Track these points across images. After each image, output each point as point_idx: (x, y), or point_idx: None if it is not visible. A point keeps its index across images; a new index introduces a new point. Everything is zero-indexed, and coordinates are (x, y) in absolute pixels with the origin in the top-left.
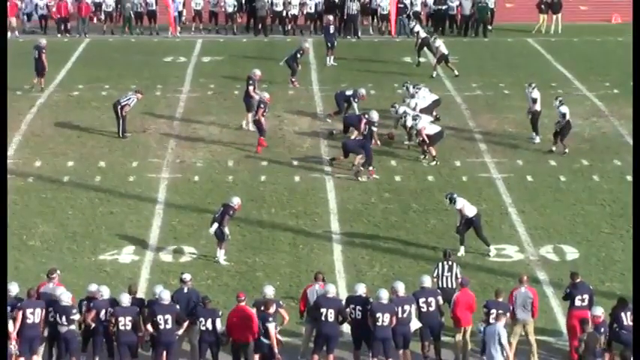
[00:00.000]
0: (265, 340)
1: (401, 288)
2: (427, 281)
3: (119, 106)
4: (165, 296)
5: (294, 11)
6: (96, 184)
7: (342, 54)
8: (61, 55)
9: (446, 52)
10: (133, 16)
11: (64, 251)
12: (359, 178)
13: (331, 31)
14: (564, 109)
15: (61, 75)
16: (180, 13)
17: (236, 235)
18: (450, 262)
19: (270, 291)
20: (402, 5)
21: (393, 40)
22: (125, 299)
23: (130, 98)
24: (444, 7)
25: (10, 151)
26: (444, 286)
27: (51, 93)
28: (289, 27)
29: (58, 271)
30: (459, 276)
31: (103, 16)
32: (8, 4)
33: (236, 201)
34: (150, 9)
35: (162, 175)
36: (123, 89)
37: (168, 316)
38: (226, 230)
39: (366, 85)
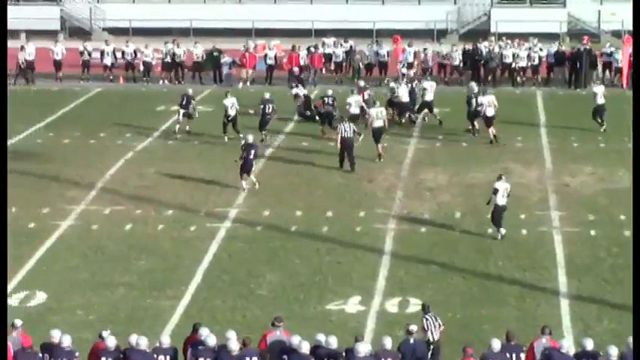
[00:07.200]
0: None
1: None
2: None
3: None
4: (363, 349)
5: (522, 63)
6: (323, 234)
7: (572, 107)
8: (290, 104)
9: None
10: (362, 67)
11: (291, 300)
12: None
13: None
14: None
15: (288, 128)
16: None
17: (461, 286)
18: None
19: (497, 345)
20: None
21: (623, 93)
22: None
23: None
24: None
25: (240, 200)
26: None
27: (279, 145)
28: (519, 79)
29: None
30: None
31: (332, 67)
32: (247, 55)
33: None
34: (381, 60)
35: (389, 226)
36: None
37: None
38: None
39: (595, 139)
